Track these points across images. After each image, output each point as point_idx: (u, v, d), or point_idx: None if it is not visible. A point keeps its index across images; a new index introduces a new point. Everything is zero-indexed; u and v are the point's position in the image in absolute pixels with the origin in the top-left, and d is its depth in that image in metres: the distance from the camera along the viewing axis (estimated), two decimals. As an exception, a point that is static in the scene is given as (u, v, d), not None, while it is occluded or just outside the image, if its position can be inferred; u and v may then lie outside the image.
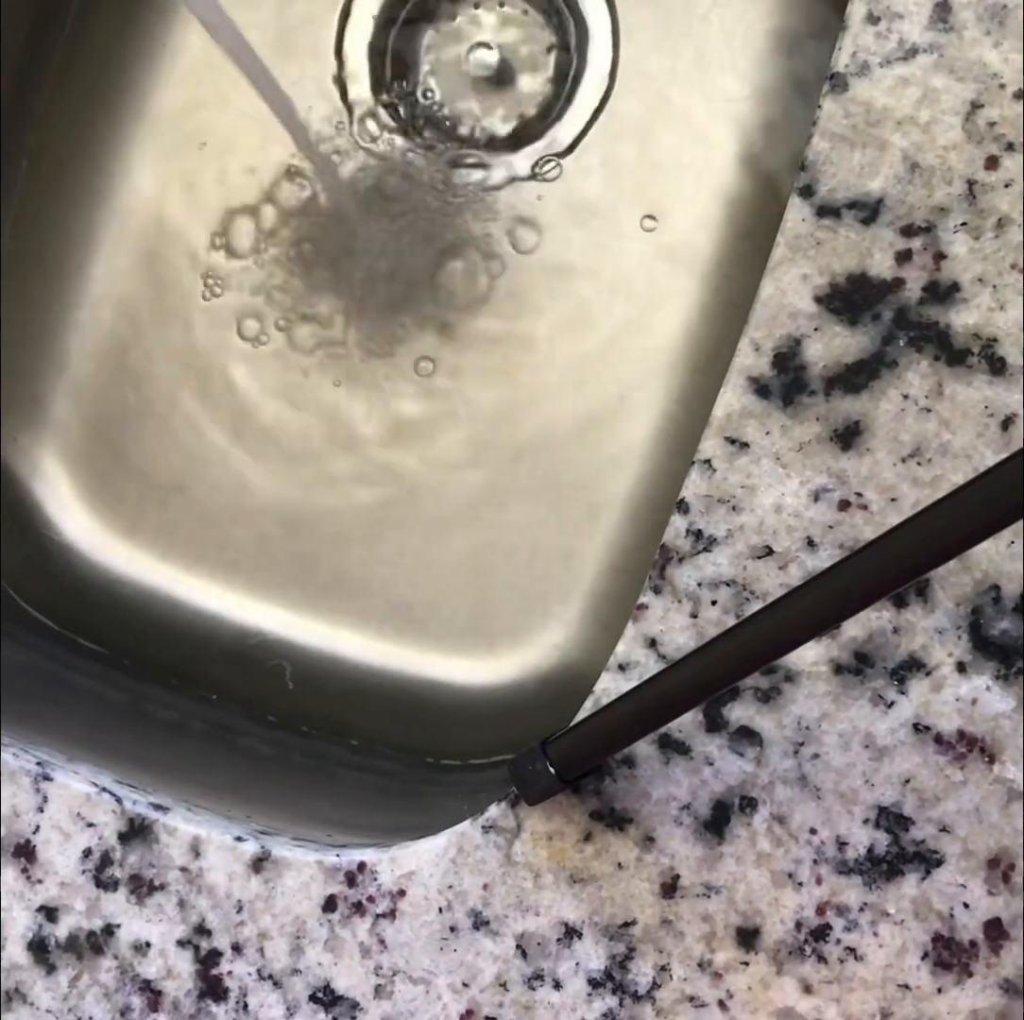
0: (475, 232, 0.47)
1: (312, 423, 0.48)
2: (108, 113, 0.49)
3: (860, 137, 0.34)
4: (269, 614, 0.49)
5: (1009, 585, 0.32)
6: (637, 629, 0.34)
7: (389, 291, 0.48)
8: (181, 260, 0.49)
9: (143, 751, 0.43)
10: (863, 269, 0.34)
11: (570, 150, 0.47)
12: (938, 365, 0.33)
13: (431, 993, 0.35)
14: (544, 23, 0.47)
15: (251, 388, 0.49)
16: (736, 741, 0.33)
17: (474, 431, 0.47)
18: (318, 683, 0.48)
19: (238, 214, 0.49)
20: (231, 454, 0.49)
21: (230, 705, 0.48)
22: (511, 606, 0.47)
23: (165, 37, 0.49)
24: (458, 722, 0.47)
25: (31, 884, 0.37)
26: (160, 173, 0.49)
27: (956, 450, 0.33)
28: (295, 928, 0.36)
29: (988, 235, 0.33)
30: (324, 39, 0.48)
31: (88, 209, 0.49)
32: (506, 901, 0.34)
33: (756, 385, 0.34)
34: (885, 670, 0.33)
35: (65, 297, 0.50)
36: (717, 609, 0.34)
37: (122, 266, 0.49)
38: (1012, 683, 0.32)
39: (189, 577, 0.49)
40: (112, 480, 0.50)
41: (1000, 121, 0.33)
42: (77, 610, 0.49)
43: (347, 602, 0.48)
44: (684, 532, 0.34)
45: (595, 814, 0.34)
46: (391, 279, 0.48)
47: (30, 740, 0.39)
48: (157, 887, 0.37)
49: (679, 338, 0.46)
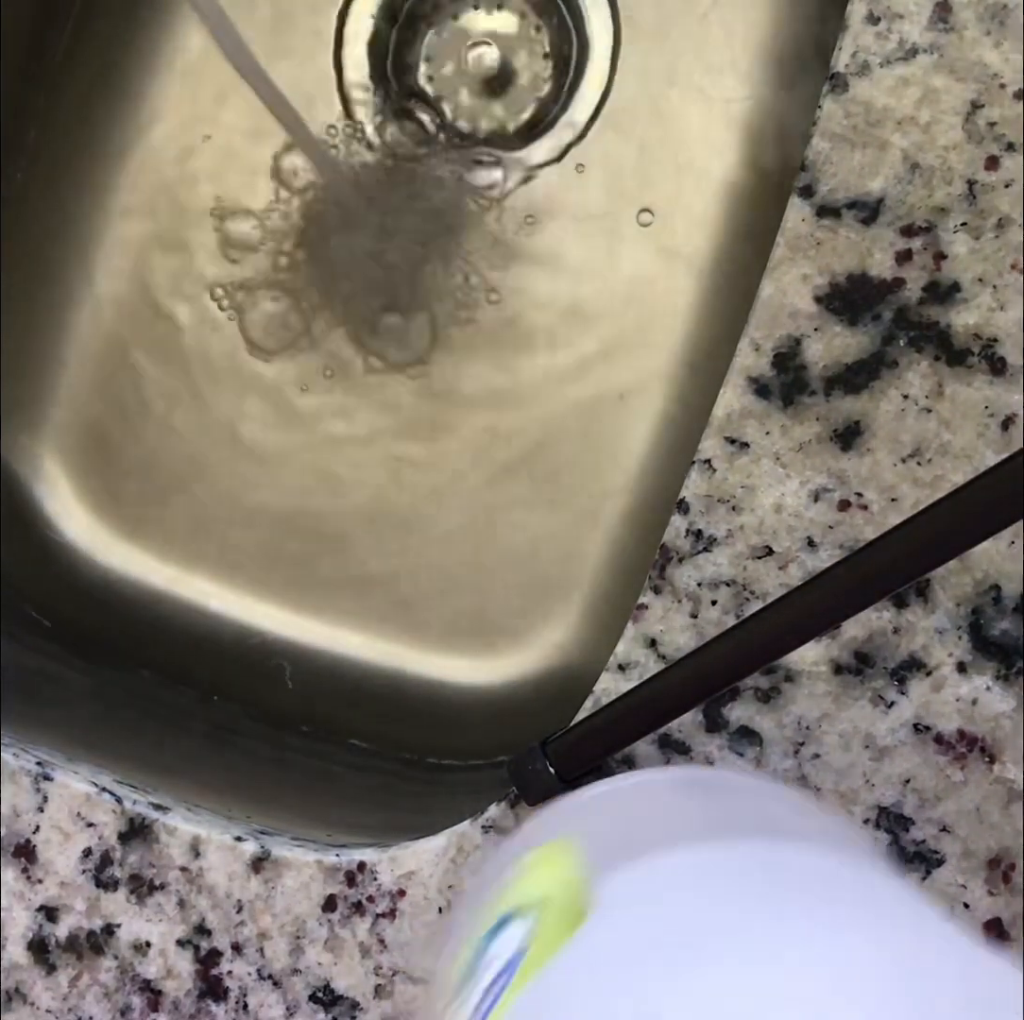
0: (472, 231, 0.47)
1: (311, 423, 0.48)
2: (107, 113, 0.49)
3: (860, 137, 0.34)
4: (269, 614, 0.49)
5: (1009, 585, 0.32)
6: (637, 629, 0.34)
7: (388, 290, 0.48)
8: (181, 260, 0.49)
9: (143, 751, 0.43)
10: (863, 269, 0.34)
11: (569, 149, 0.47)
12: (938, 365, 0.33)
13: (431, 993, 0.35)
14: (544, 23, 0.47)
15: (251, 388, 0.49)
16: (736, 741, 0.33)
17: (474, 431, 0.47)
18: (318, 683, 0.48)
19: (238, 214, 0.49)
20: (231, 454, 0.49)
21: (230, 705, 0.48)
22: (511, 606, 0.47)
23: (165, 37, 0.49)
24: (458, 722, 0.47)
25: (31, 884, 0.37)
26: (159, 172, 0.49)
27: (956, 450, 0.33)
28: (295, 928, 0.36)
29: (988, 235, 0.33)
30: (323, 39, 0.48)
31: (87, 209, 0.49)
32: (506, 901, 0.34)
33: (756, 385, 0.34)
34: (885, 670, 0.33)
35: (65, 297, 0.50)
36: (717, 609, 0.34)
37: (122, 266, 0.49)
38: (1012, 683, 0.32)
39: (189, 577, 0.49)
40: (112, 480, 0.50)
41: (1000, 121, 0.33)
42: (77, 610, 0.49)
43: (347, 602, 0.48)
44: (684, 532, 0.34)
45: (595, 814, 0.34)
46: (390, 278, 0.48)
47: (30, 740, 0.39)
48: (157, 887, 0.37)
49: (679, 338, 0.46)
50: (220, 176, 0.49)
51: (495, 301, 0.47)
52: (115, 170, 0.49)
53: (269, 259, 0.49)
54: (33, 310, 0.50)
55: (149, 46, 0.49)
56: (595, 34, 0.47)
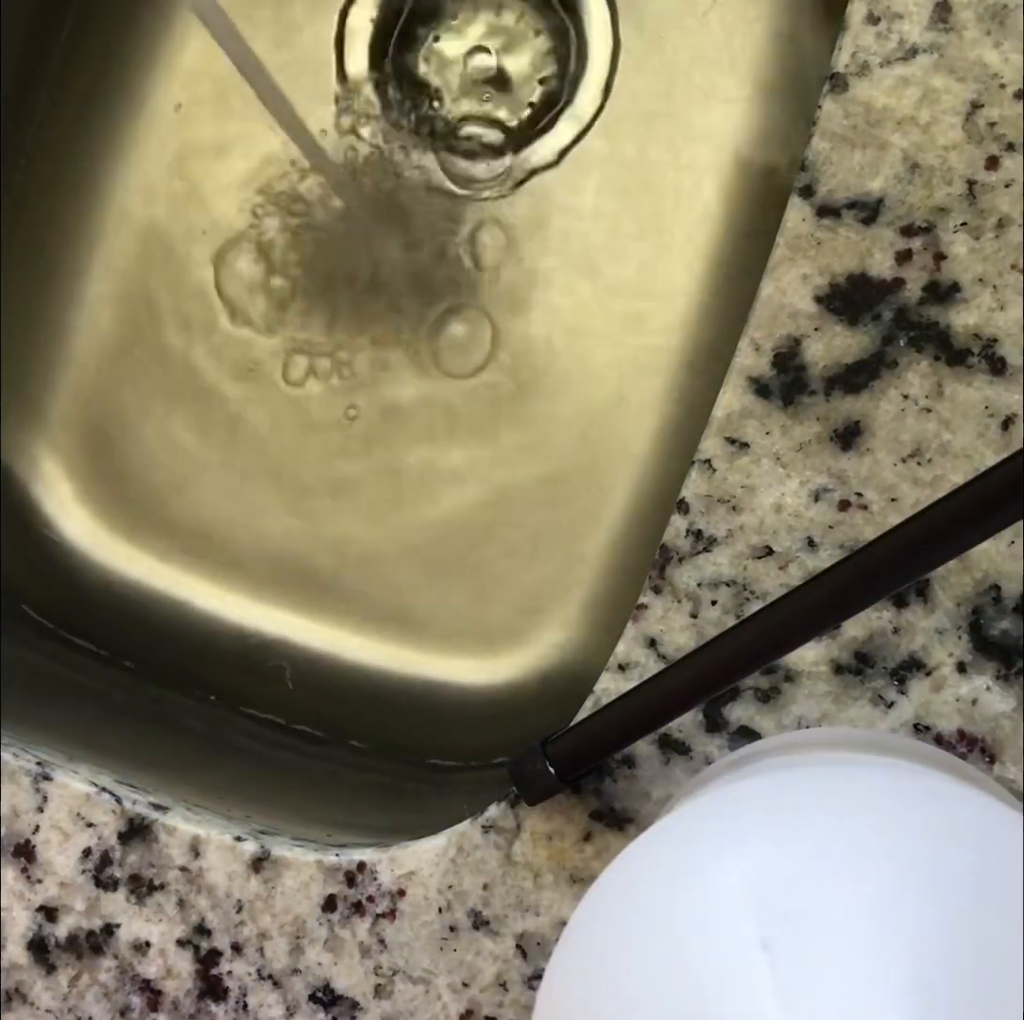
0: (472, 232, 0.47)
1: (310, 423, 0.48)
2: (107, 113, 0.49)
3: (860, 137, 0.34)
4: (269, 615, 0.49)
5: (1009, 585, 0.32)
6: (637, 629, 0.34)
7: (387, 291, 0.48)
8: (181, 260, 0.49)
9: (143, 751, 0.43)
10: (863, 269, 0.34)
11: (569, 150, 0.47)
12: (938, 365, 0.33)
13: (431, 993, 0.35)
14: (543, 25, 0.47)
15: (250, 389, 0.49)
16: (736, 741, 0.33)
17: (473, 431, 0.47)
18: (318, 683, 0.48)
19: (237, 214, 0.49)
20: (230, 455, 0.49)
21: (229, 705, 0.48)
22: (511, 606, 0.47)
23: (165, 37, 0.49)
24: (458, 722, 0.47)
25: (31, 884, 0.37)
26: (159, 173, 0.49)
27: (956, 450, 0.33)
28: (295, 928, 0.36)
29: (988, 235, 0.33)
30: (323, 40, 0.48)
31: (87, 209, 0.49)
32: (506, 901, 0.34)
33: (756, 385, 0.34)
34: (885, 670, 0.33)
35: (64, 297, 0.50)
36: (717, 609, 0.34)
37: (121, 267, 0.49)
38: (1012, 683, 0.32)
39: (189, 578, 0.49)
40: (112, 481, 0.50)
41: (1000, 121, 0.33)
42: (76, 610, 0.49)
43: (347, 602, 0.48)
44: (684, 532, 0.34)
45: (595, 814, 0.34)
46: (389, 279, 0.48)
47: (30, 740, 0.39)
48: (157, 887, 0.37)
49: (679, 338, 0.46)
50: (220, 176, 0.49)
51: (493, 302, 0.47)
52: (114, 170, 0.49)
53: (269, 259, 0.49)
54: (32, 310, 0.50)
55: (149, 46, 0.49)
56: (594, 34, 0.47)
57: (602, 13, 0.46)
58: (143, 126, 0.49)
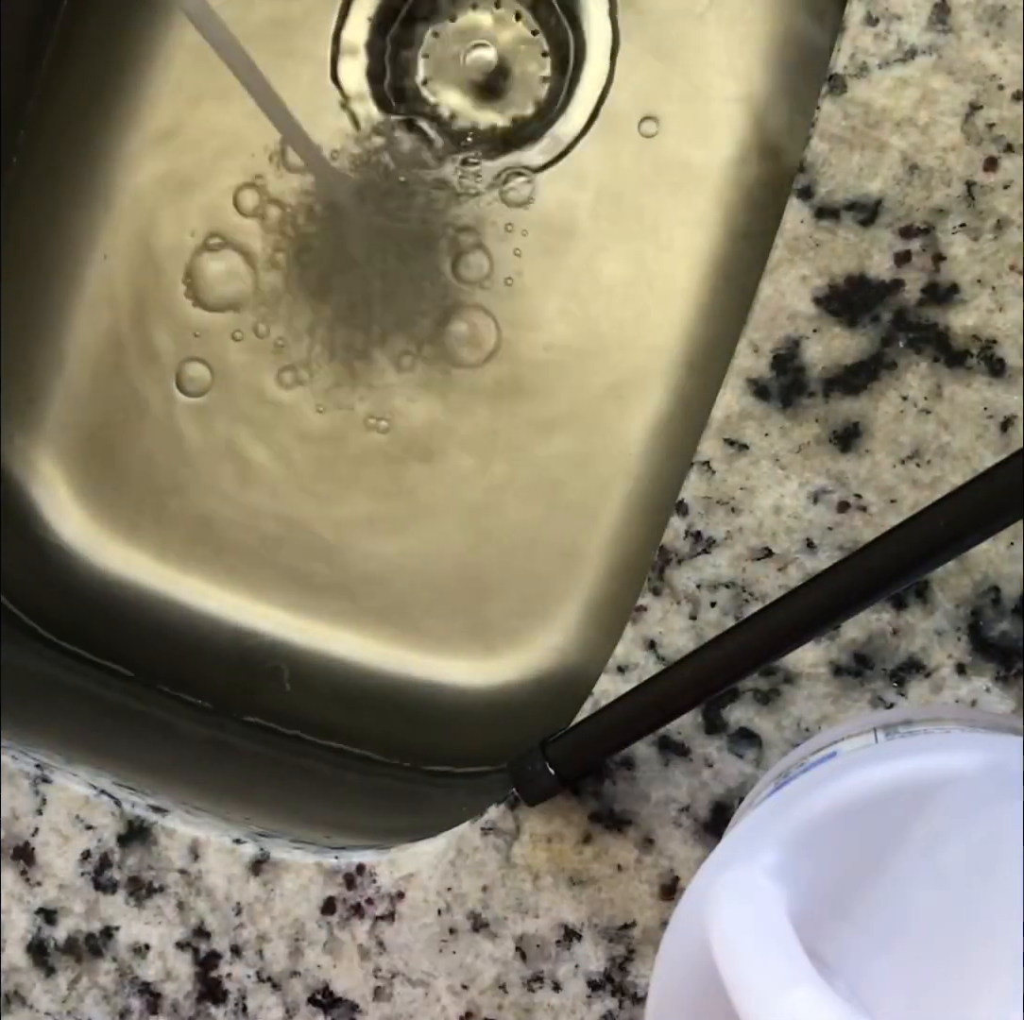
0: (470, 232, 0.47)
1: (308, 424, 0.48)
2: (103, 112, 0.49)
3: (859, 138, 0.34)
4: (267, 616, 0.49)
5: (1009, 586, 0.32)
6: (636, 631, 0.34)
7: (385, 292, 0.48)
8: (179, 261, 0.49)
9: (142, 753, 0.43)
10: (862, 270, 0.34)
11: (568, 150, 0.47)
12: (937, 366, 0.33)
13: (430, 995, 0.35)
14: (541, 24, 0.47)
15: (249, 389, 0.49)
16: (735, 743, 0.33)
17: (472, 432, 0.47)
18: (316, 685, 0.48)
19: (235, 214, 0.49)
20: (229, 456, 0.49)
21: (228, 707, 0.48)
22: (510, 608, 0.47)
23: (161, 36, 0.49)
24: (457, 724, 0.47)
25: (30, 886, 0.37)
26: (156, 173, 0.49)
27: (955, 451, 0.33)
28: (294, 930, 0.36)
29: (987, 236, 0.33)
30: (321, 39, 0.48)
31: (84, 209, 0.49)
32: (505, 903, 0.34)
33: (755, 386, 0.34)
34: (884, 672, 0.33)
35: (61, 298, 0.50)
36: (716, 611, 0.34)
37: (119, 267, 0.49)
38: (1012, 685, 0.32)
39: (186, 579, 0.49)
40: (109, 482, 0.49)
41: (999, 122, 0.33)
42: (74, 612, 0.49)
43: (345, 604, 0.48)
44: (683, 534, 0.34)
45: (594, 816, 0.34)
46: (386, 280, 0.48)
47: (29, 742, 0.39)
48: (156, 889, 0.36)
49: (678, 338, 0.46)
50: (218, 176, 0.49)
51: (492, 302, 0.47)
52: (111, 170, 0.49)
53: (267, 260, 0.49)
54: (29, 311, 0.50)
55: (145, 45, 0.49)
56: (593, 34, 0.47)
57: (601, 13, 0.46)
58: (139, 125, 0.49)
